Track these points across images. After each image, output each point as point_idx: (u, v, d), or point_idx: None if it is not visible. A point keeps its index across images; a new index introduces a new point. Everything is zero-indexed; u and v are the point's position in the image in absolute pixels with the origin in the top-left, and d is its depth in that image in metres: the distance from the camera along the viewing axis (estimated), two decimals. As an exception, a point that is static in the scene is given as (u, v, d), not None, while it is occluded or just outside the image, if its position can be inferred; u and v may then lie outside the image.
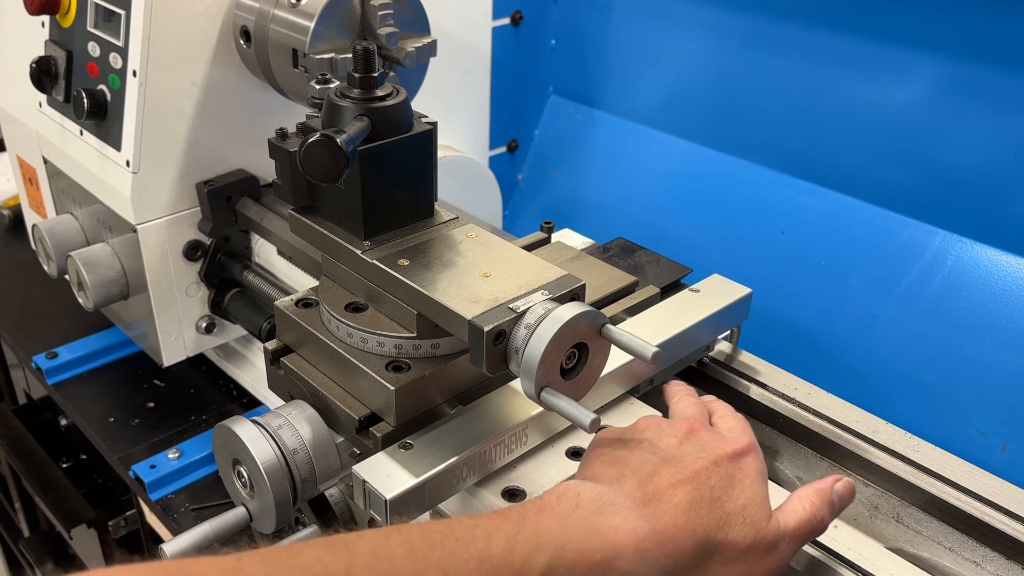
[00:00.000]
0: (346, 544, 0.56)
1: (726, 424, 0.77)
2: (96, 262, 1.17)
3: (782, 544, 0.67)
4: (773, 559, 0.67)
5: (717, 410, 0.80)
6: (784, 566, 0.68)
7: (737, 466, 0.69)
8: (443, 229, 0.84)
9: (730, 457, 0.69)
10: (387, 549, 0.57)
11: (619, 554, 0.61)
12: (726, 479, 0.68)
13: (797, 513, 0.70)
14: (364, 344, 0.81)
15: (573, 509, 0.63)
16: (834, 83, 1.24)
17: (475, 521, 0.61)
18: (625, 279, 1.01)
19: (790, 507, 0.70)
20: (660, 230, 1.45)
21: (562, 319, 0.68)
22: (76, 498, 1.41)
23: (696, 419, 0.75)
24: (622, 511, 0.64)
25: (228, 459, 0.84)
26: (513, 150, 1.68)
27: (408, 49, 1.03)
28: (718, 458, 0.69)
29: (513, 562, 0.58)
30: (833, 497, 0.72)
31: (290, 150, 0.80)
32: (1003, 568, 0.82)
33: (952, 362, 1.15)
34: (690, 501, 0.65)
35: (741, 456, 0.70)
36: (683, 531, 0.64)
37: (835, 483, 0.73)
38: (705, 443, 0.71)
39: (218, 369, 1.37)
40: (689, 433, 0.72)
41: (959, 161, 1.15)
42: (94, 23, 1.10)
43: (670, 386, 0.86)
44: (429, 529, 0.59)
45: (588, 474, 0.70)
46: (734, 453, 0.70)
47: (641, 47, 1.49)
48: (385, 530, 0.59)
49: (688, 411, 0.78)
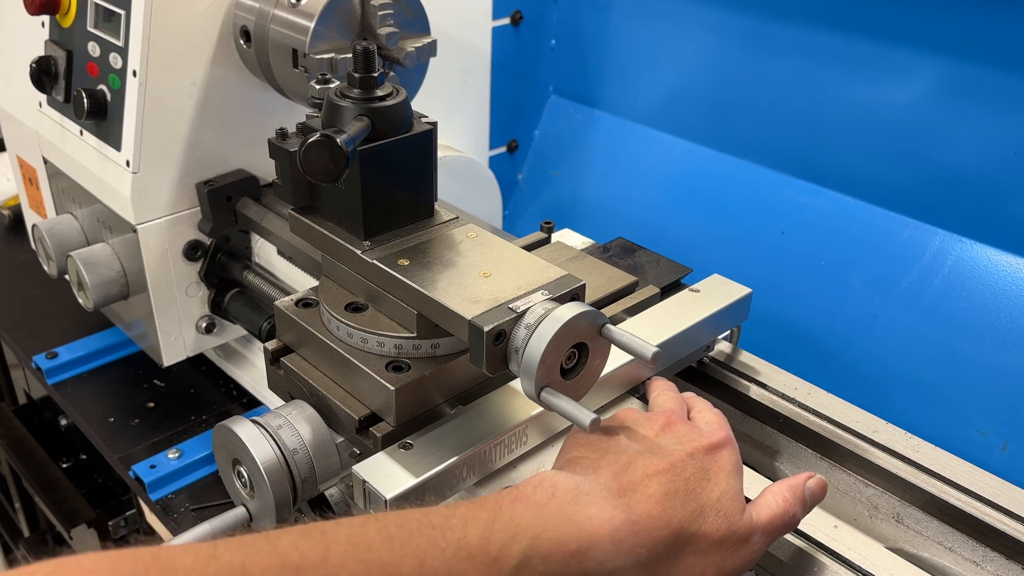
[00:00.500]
0: (323, 532, 0.57)
1: (703, 418, 0.77)
2: (96, 262, 1.17)
3: (754, 538, 0.68)
4: (745, 552, 0.68)
5: (695, 405, 0.81)
6: (755, 559, 0.69)
7: (713, 459, 0.70)
8: (443, 229, 0.84)
9: (706, 450, 0.70)
10: (364, 537, 0.57)
11: (594, 543, 0.62)
12: (701, 471, 0.68)
13: (770, 508, 0.71)
14: (364, 344, 0.81)
15: (549, 499, 0.64)
16: (834, 83, 1.24)
17: (452, 510, 0.61)
18: (625, 279, 1.01)
19: (763, 502, 0.71)
20: (660, 230, 1.45)
21: (562, 319, 0.68)
22: (76, 498, 1.41)
23: (674, 412, 0.75)
24: (597, 501, 0.64)
25: (228, 459, 0.84)
26: (513, 150, 1.68)
27: (408, 49, 1.03)
28: (694, 450, 0.70)
29: (489, 550, 0.59)
30: (805, 493, 0.73)
31: (290, 150, 0.80)
32: (1003, 568, 0.82)
33: (952, 362, 1.15)
34: (665, 492, 0.66)
35: (717, 449, 0.71)
36: (658, 521, 0.64)
37: (807, 479, 0.74)
38: (682, 436, 0.72)
39: (218, 369, 1.37)
40: (666, 426, 0.73)
41: (959, 161, 1.15)
42: (94, 23, 1.10)
43: (651, 381, 0.88)
44: (406, 517, 0.59)
45: (565, 464, 0.71)
46: (710, 446, 0.71)
47: (641, 47, 1.49)
48: (362, 518, 0.59)
49: (667, 405, 0.79)
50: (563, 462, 0.71)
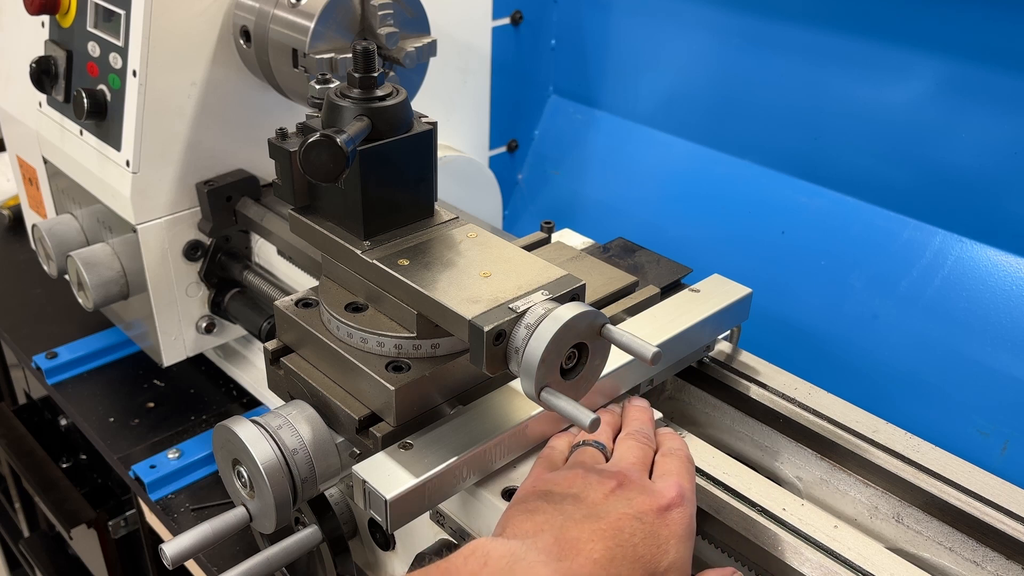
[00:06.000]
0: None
1: (665, 467, 0.74)
2: (96, 262, 1.17)
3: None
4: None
5: (664, 444, 0.78)
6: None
7: (663, 522, 0.67)
8: (443, 229, 0.84)
9: (656, 512, 0.67)
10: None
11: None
12: (650, 536, 0.66)
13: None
14: (364, 344, 0.81)
15: (480, 568, 0.61)
16: (834, 83, 1.24)
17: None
18: (625, 279, 1.01)
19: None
20: (660, 230, 1.45)
21: (562, 319, 0.68)
22: (76, 498, 1.41)
23: (630, 471, 0.72)
24: (535, 566, 0.61)
25: (228, 459, 0.84)
26: (513, 150, 1.68)
27: (408, 49, 1.03)
28: (642, 513, 0.67)
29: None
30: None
31: (290, 150, 0.80)
32: (1003, 568, 0.82)
33: (952, 362, 1.15)
34: (610, 557, 0.63)
35: (666, 511, 0.68)
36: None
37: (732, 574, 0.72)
38: (632, 498, 0.68)
39: (218, 369, 1.37)
40: (617, 488, 0.69)
41: (959, 161, 1.15)
42: (94, 23, 1.10)
43: (626, 410, 0.84)
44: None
45: (506, 527, 0.68)
46: (659, 508, 0.68)
47: (641, 47, 1.49)
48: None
49: (627, 457, 0.75)
50: (504, 523, 0.69)
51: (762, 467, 0.98)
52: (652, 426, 0.82)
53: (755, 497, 0.82)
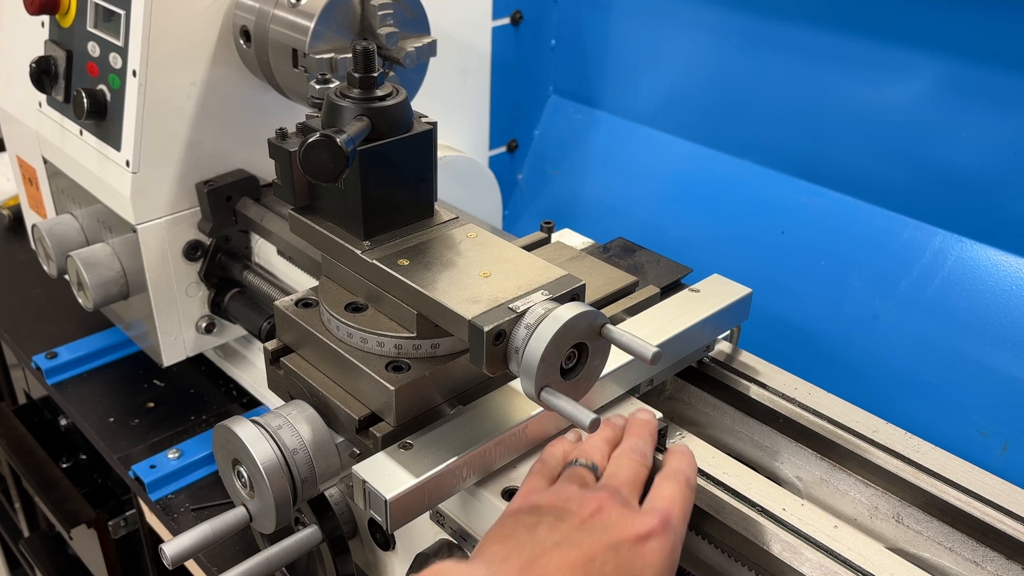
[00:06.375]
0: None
1: (660, 491, 0.72)
2: (96, 262, 1.17)
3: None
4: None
5: (668, 465, 0.75)
6: None
7: (639, 553, 0.64)
8: (443, 229, 0.84)
9: (633, 541, 0.65)
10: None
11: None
12: (623, 567, 0.63)
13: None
14: (364, 344, 0.81)
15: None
16: (834, 83, 1.24)
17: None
18: (625, 279, 1.01)
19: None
20: (660, 230, 1.45)
21: (562, 319, 0.68)
22: (76, 498, 1.41)
23: (616, 493, 0.70)
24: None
25: (228, 459, 0.84)
26: (513, 150, 1.68)
27: (408, 49, 1.03)
28: (618, 542, 0.64)
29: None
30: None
31: (290, 150, 0.80)
32: (1003, 568, 0.82)
33: (952, 362, 1.15)
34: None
35: (644, 541, 0.65)
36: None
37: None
38: (610, 525, 0.66)
39: (218, 369, 1.37)
40: (597, 512, 0.67)
41: (959, 161, 1.15)
42: (94, 23, 1.10)
43: (628, 423, 0.81)
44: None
45: (482, 549, 0.66)
46: (637, 537, 0.65)
47: (641, 47, 1.49)
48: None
49: (618, 475, 0.73)
50: (481, 544, 0.67)
51: (762, 467, 0.98)
52: (652, 441, 0.79)
53: (755, 497, 0.82)
